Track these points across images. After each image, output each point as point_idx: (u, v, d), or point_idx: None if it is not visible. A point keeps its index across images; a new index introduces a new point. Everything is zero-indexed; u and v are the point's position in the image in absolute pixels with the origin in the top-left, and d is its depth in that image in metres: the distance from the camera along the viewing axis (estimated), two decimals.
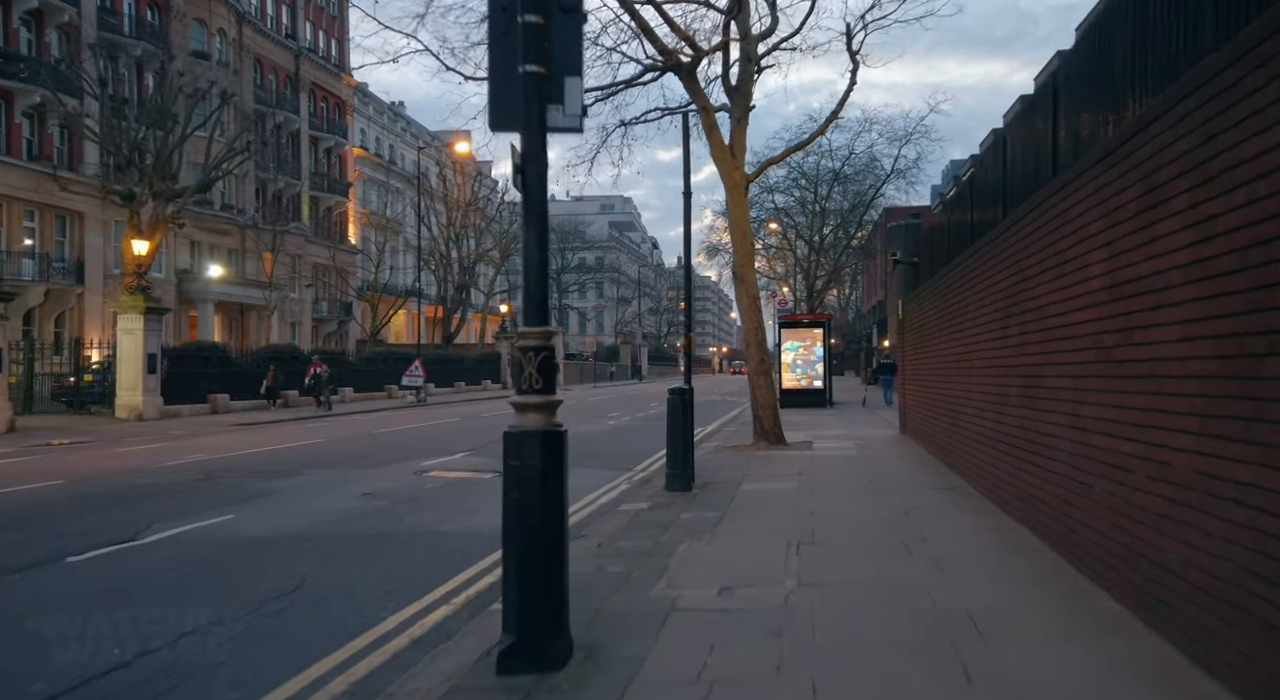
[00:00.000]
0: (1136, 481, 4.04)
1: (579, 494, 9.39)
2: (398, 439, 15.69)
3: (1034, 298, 5.76)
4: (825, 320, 24.94)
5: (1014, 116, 7.94)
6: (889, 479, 9.43)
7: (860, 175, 45.26)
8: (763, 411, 13.10)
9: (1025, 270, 5.98)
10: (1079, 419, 4.79)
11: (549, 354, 3.86)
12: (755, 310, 13.19)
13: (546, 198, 3.95)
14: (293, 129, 45.41)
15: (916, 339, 12.73)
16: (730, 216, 13.25)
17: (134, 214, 21.78)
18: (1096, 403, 4.54)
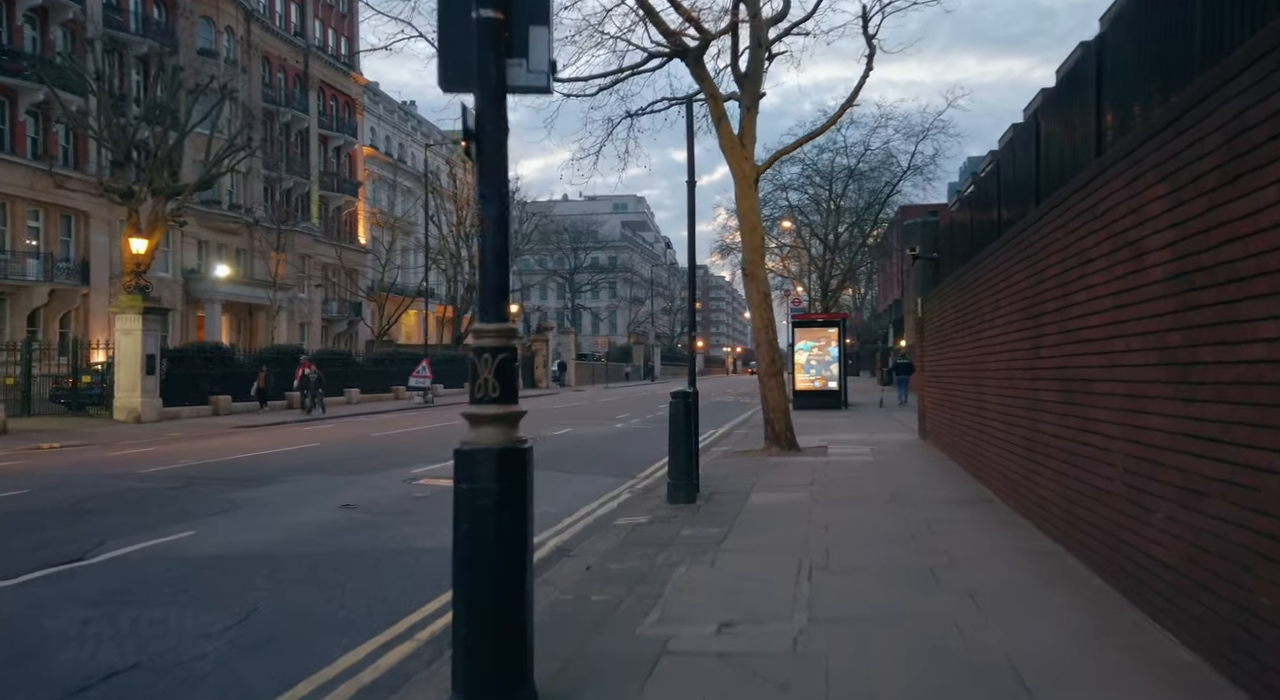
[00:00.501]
0: (1214, 508, 3.37)
1: (575, 504, 8.78)
2: (394, 443, 15.13)
3: (1075, 293, 5.09)
4: (840, 319, 24.22)
5: (1050, 96, 7.23)
6: (909, 489, 8.75)
7: (876, 172, 44.42)
8: (774, 415, 12.44)
9: (1065, 262, 5.30)
10: (1137, 431, 4.12)
11: (509, 356, 3.24)
12: (766, 308, 12.53)
13: (506, 169, 3.33)
14: (301, 127, 45.10)
15: (937, 339, 12.03)
16: (739, 209, 12.61)
17: (133, 212, 21.37)
18: (1158, 412, 3.87)
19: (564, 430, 17.68)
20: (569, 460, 12.44)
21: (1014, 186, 7.43)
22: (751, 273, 12.61)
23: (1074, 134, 5.50)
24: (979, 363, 8.52)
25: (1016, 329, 6.66)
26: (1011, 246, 6.97)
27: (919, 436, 14.31)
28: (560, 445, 14.64)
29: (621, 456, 12.84)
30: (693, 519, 7.43)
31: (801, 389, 23.48)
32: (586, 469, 11.50)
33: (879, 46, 12.91)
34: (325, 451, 13.77)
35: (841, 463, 11.11)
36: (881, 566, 5.44)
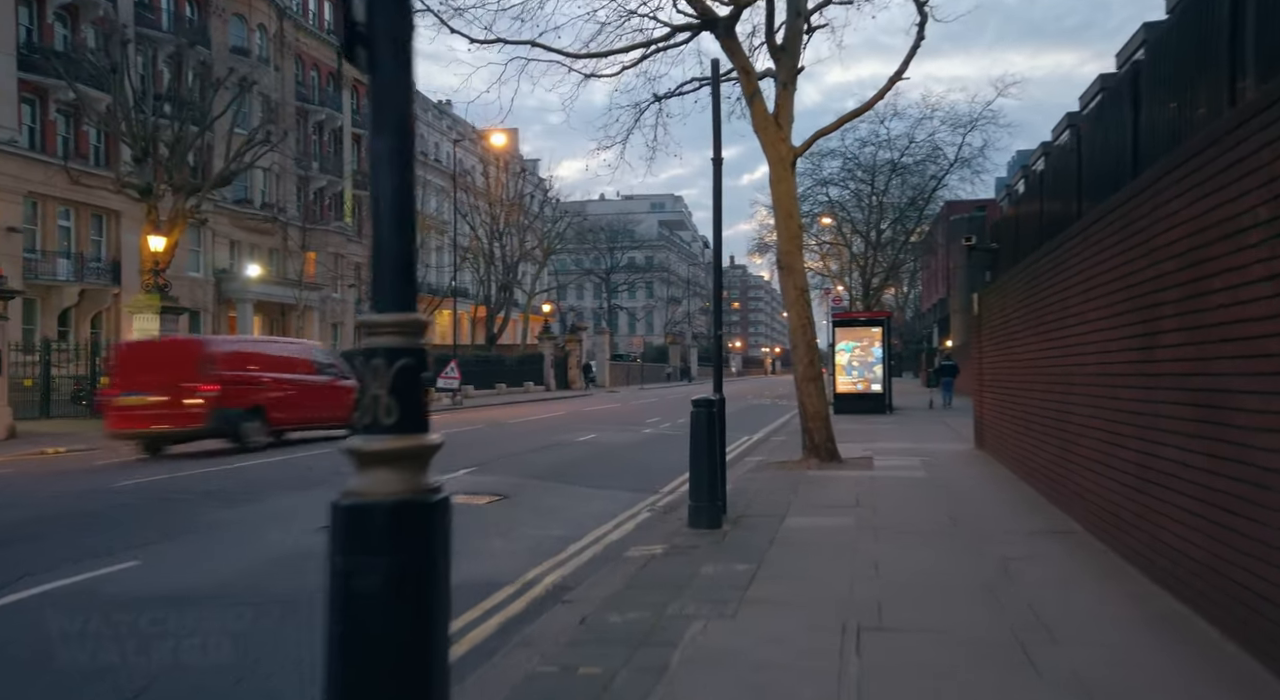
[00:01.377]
0: None
1: (585, 526, 7.70)
2: None
3: (1212, 277, 3.86)
4: (884, 318, 22.84)
5: (1171, 27, 5.96)
6: (973, 515, 7.50)
7: (920, 166, 42.67)
8: (812, 423, 11.23)
9: (1195, 237, 4.07)
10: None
11: (413, 363, 2.14)
12: (804, 304, 11.34)
13: (410, 87, 2.25)
14: (335, 126, 44.79)
15: (998, 338, 10.73)
16: (774, 195, 11.43)
17: (151, 208, 20.84)
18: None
19: (588, 436, 16.64)
20: (587, 472, 11.38)
21: (1106, 153, 6.17)
22: (787, 265, 11.41)
23: (1203, 72, 4.26)
24: (1058, 366, 7.25)
25: (1116, 325, 5.41)
26: (1105, 225, 5.71)
27: (975, 446, 12.98)
28: (580, 453, 13.60)
29: (646, 467, 11.75)
30: (716, 550, 6.30)
31: (843, 392, 22.16)
32: (605, 482, 10.43)
33: (930, 14, 11.63)
34: (325, 461, 12.87)
35: (890, 478, 9.87)
36: (952, 630, 4.25)
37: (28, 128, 28.45)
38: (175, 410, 13.46)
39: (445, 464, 11.68)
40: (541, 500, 9.16)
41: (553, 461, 12.36)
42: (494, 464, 11.94)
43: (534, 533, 7.47)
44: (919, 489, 9.03)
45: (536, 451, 13.75)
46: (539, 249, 49.92)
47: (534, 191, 51.80)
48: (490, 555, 6.65)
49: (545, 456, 13.05)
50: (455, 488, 9.85)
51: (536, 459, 12.67)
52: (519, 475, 10.84)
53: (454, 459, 12.39)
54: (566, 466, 11.80)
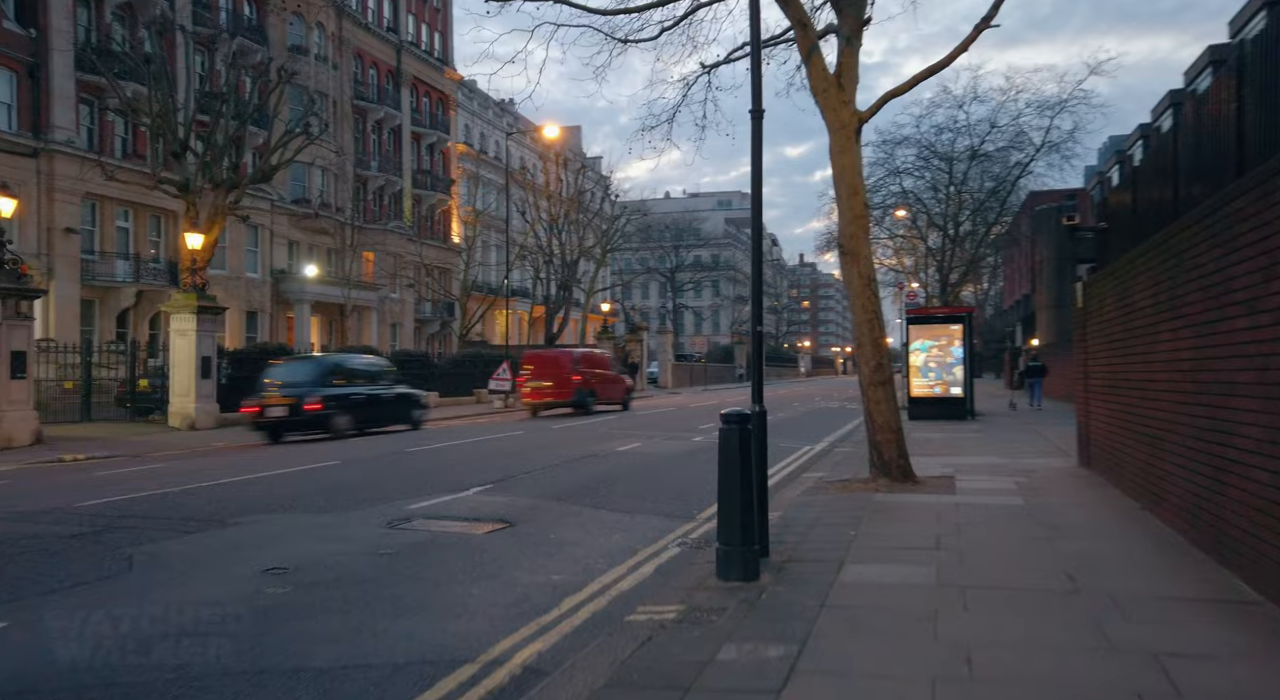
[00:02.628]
0: None
1: (593, 569, 6.23)
2: (422, 462, 12.97)
3: None
4: (965, 314, 20.71)
5: None
6: (1096, 567, 5.73)
7: (1003, 153, 39.94)
8: (881, 436, 9.51)
9: None
10: None
11: None
12: (870, 296, 9.60)
13: None
14: (394, 125, 44.46)
15: (1112, 333, 8.82)
16: (835, 168, 9.74)
17: (190, 205, 20.25)
18: None
19: (630, 445, 15.16)
20: (617, 490, 9.89)
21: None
22: (851, 250, 9.70)
23: None
24: (1213, 368, 5.44)
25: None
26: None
27: (1079, 464, 11.00)
28: (614, 467, 12.12)
29: (686, 485, 10.19)
30: (746, 617, 4.74)
31: (919, 396, 20.17)
32: (635, 504, 8.93)
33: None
34: (332, 474, 11.71)
35: (978, 507, 8.09)
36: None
37: (85, 129, 28.58)
38: (559, 390, 23.88)
39: (457, 481, 10.39)
40: (553, 529, 7.72)
41: (581, 477, 10.92)
42: (514, 480, 10.56)
43: (527, 578, 6.03)
44: (1017, 524, 7.24)
45: (567, 464, 12.34)
46: (598, 247, 48.69)
47: (594, 188, 50.60)
48: (461, 613, 5.23)
49: (575, 471, 11.62)
50: (456, 511, 8.50)
51: (563, 474, 11.25)
52: (537, 495, 9.43)
53: (472, 474, 11.08)
54: (595, 484, 10.34)
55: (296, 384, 16.71)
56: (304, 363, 19.06)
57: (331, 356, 21.19)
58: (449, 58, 50.61)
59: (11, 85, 25.98)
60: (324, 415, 16.65)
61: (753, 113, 6.18)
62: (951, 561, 5.89)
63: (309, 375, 17.24)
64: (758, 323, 6.29)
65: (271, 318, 35.61)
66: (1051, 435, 15.49)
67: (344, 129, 40.48)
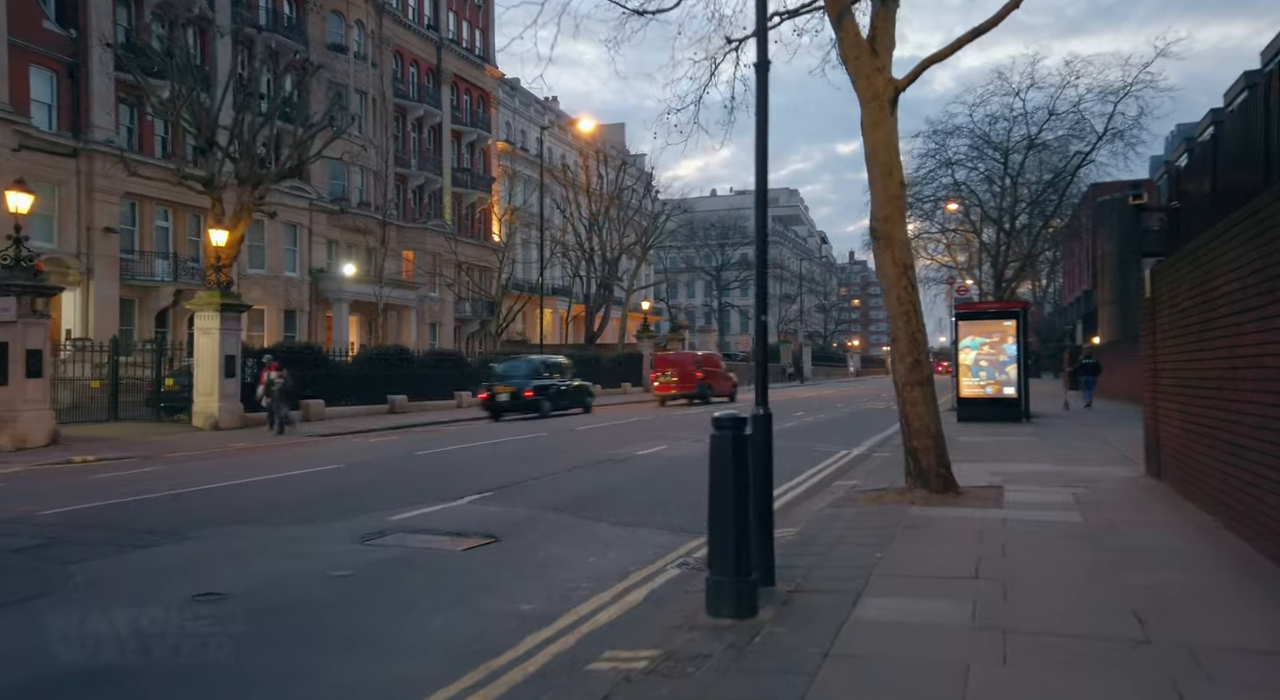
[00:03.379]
0: None
1: (576, 593, 5.45)
2: (426, 467, 12.31)
3: None
4: (1020, 309, 19.36)
5: None
6: (1173, 607, 4.71)
7: (1062, 142, 38.06)
8: (919, 442, 8.51)
9: None
10: None
11: None
12: (906, 286, 8.60)
13: None
14: (434, 123, 44.28)
15: (1188, 326, 7.70)
16: (867, 144, 8.76)
17: (215, 201, 20.00)
18: None
19: (655, 447, 14.30)
20: (626, 499, 9.07)
21: None
22: (885, 234, 8.72)
23: None
24: None
25: None
26: None
27: (1146, 473, 9.83)
28: (632, 473, 11.30)
29: (703, 494, 9.30)
30: (730, 671, 3.87)
31: (968, 396, 18.93)
32: (641, 516, 8.10)
33: None
34: (330, 479, 11.07)
35: (1028, 525, 7.06)
36: None
37: (126, 129, 28.77)
38: (684, 384, 29.09)
39: (457, 487, 9.67)
40: (542, 546, 6.93)
41: (592, 484, 10.11)
42: (517, 487, 9.80)
43: (495, 607, 5.25)
44: (1073, 547, 6.21)
45: (581, 469, 11.55)
46: (638, 244, 47.89)
47: (635, 184, 49.80)
48: (410, 651, 4.48)
49: (587, 476, 10.83)
50: (443, 523, 7.75)
51: (573, 480, 10.46)
52: (537, 505, 8.65)
53: (473, 480, 10.35)
54: (605, 492, 9.53)
55: (516, 377, 22.87)
56: (521, 362, 24.57)
57: (538, 357, 25.85)
58: (490, 55, 50.33)
59: (52, 85, 26.21)
60: (535, 401, 22.38)
61: (757, 66, 5.30)
62: (992, 595, 4.93)
63: (525, 371, 23.16)
64: (761, 311, 5.40)
65: (310, 317, 35.60)
66: (1114, 439, 14.22)
67: (384, 127, 40.39)
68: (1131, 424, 17.82)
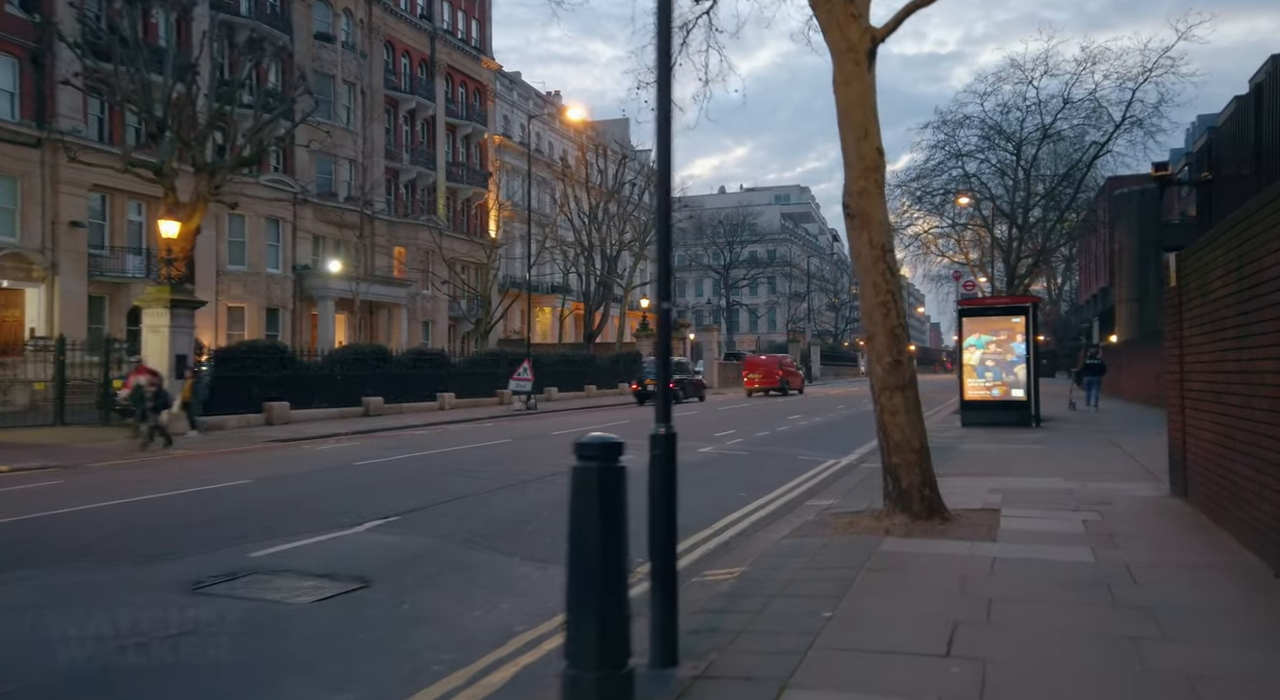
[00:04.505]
0: None
1: (415, 678, 4.03)
2: (353, 481, 10.99)
3: None
4: (1029, 304, 17.87)
5: None
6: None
7: (1077, 131, 36.40)
8: (899, 458, 7.13)
9: None
10: None
11: None
12: (885, 272, 7.20)
13: None
14: (427, 115, 43.05)
15: (1221, 319, 6.29)
16: (840, 103, 7.38)
17: (168, 190, 18.80)
18: None
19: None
20: (551, 528, 7.73)
21: None
22: (860, 211, 7.33)
23: None
24: None
25: None
26: None
27: (1171, 492, 8.39)
28: None
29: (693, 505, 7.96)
30: None
31: (973, 399, 17.48)
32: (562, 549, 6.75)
33: None
34: (209, 500, 9.68)
35: (1025, 566, 5.66)
36: None
37: (95, 118, 27.67)
38: (768, 381, 38.40)
39: (369, 509, 8.36)
40: (420, 593, 5.60)
41: (519, 508, 8.74)
42: (432, 511, 8.46)
43: (302, 694, 3.92)
44: (1081, 606, 4.79)
45: (517, 486, 10.19)
46: (637, 241, 46.52)
47: (635, 179, 48.41)
48: None
49: (518, 497, 9.47)
50: (314, 562, 6.41)
51: (501, 502, 9.10)
52: (443, 534, 7.31)
53: (393, 499, 9.02)
54: (529, 517, 8.17)
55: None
56: None
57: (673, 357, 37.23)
58: (486, 46, 49.08)
59: (14, 72, 25.11)
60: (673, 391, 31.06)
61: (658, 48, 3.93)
62: (964, 689, 3.55)
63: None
64: (663, 297, 4.05)
65: (294, 315, 34.44)
66: (1133, 447, 12.77)
67: (374, 119, 39.22)
68: (1151, 430, 16.28)
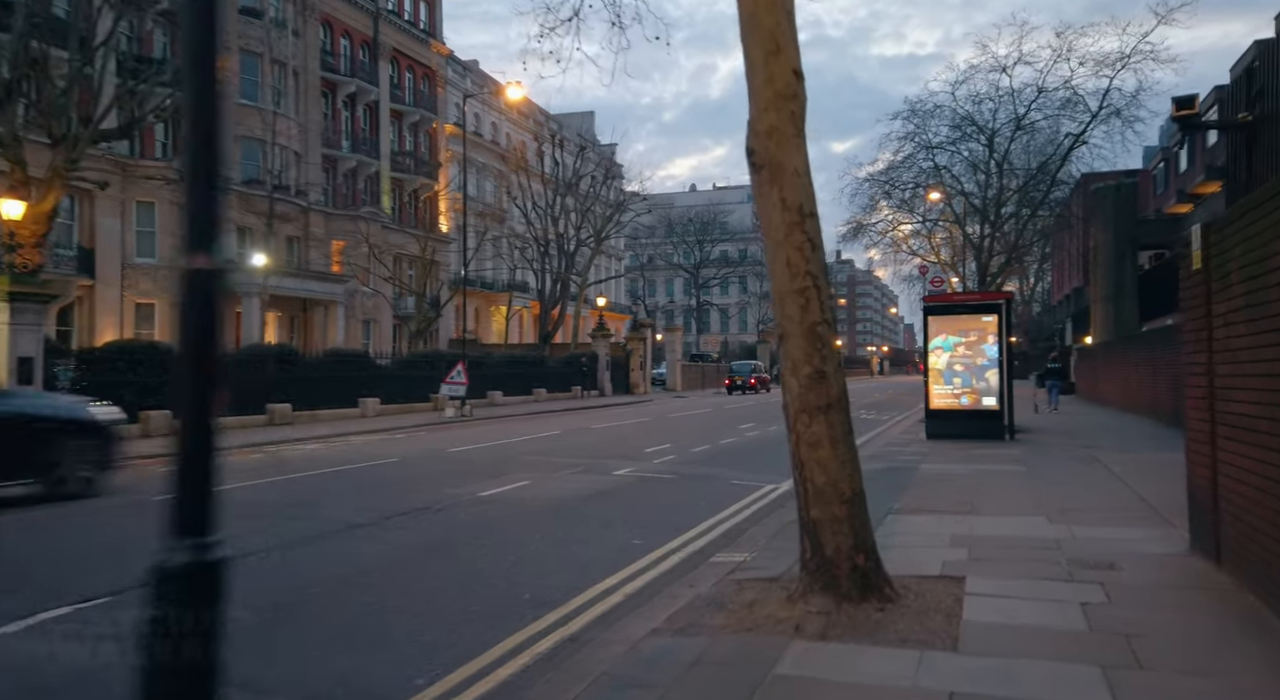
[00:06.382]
0: None
1: None
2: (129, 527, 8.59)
3: None
4: (1002, 301, 15.80)
5: None
6: None
7: (1052, 122, 34.71)
8: (821, 510, 4.93)
9: None
10: None
11: None
12: (803, 243, 4.97)
13: None
14: (369, 100, 40.40)
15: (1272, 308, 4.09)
16: (742, 7, 5.18)
17: (15, 166, 16.23)
18: None
19: (514, 484, 10.56)
20: (363, 601, 5.42)
21: None
22: (767, 159, 5.09)
23: None
24: None
25: None
26: None
27: (1193, 547, 6.22)
28: (428, 537, 7.63)
29: (513, 580, 5.69)
30: None
31: (940, 408, 15.40)
32: (360, 627, 4.46)
33: None
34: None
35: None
36: None
37: None
38: None
39: (66, 586, 5.98)
40: None
41: (299, 578, 6.35)
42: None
43: None
44: None
45: (335, 536, 7.79)
46: (593, 236, 44.21)
47: (595, 171, 46.08)
48: None
49: (316, 556, 7.09)
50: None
51: (282, 569, 6.75)
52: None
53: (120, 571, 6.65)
54: (292, 601, 5.82)
55: (743, 371, 44.84)
56: (746, 361, 49.63)
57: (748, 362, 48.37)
58: (436, 29, 46.53)
59: None
60: (757, 387, 43.32)
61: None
62: None
63: (747, 367, 45.98)
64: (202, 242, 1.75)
65: None
66: (1119, 467, 10.68)
67: (310, 104, 36.60)
68: (1136, 443, 14.29)
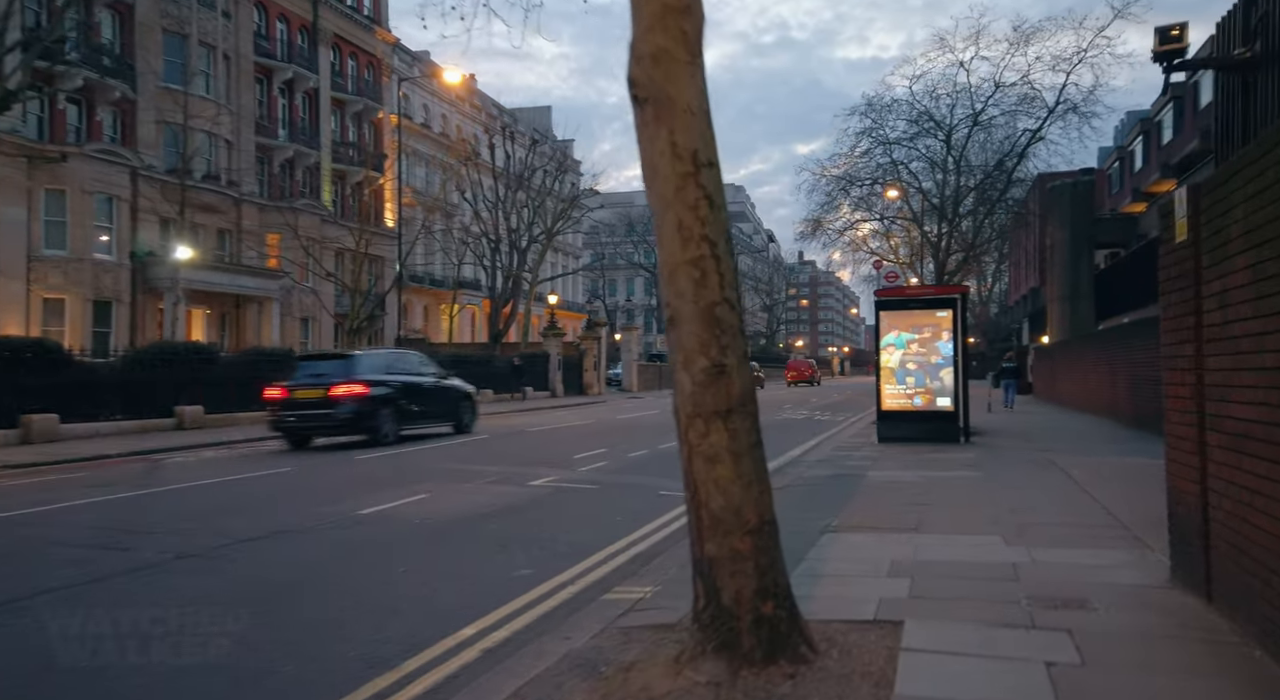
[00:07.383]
0: None
1: None
2: None
3: None
4: (958, 295, 14.90)
5: None
6: None
7: (1009, 119, 34.32)
8: (718, 545, 3.80)
9: None
10: None
11: None
12: (700, 206, 3.84)
13: None
14: (308, 87, 38.66)
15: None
16: None
17: None
18: None
19: (411, 497, 9.33)
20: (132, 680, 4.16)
21: None
22: (653, 91, 3.93)
23: None
24: None
25: None
26: None
27: (1173, 577, 5.19)
28: (252, 570, 6.38)
29: (309, 628, 4.45)
30: None
31: (892, 409, 14.46)
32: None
33: None
34: None
35: None
36: None
37: None
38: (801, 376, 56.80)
39: None
40: None
41: (126, 611, 5.11)
42: None
43: None
44: None
45: (178, 564, 6.57)
46: (545, 233, 42.88)
47: (549, 165, 44.75)
48: None
49: (153, 585, 5.84)
50: None
51: (107, 601, 5.47)
52: None
53: None
54: (120, 638, 4.57)
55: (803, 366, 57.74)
56: None
57: None
58: (381, 16, 44.85)
59: None
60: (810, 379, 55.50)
61: None
62: None
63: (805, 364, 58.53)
64: None
65: (134, 309, 29.82)
66: (1080, 474, 9.75)
67: (242, 90, 34.81)
68: (1096, 446, 13.48)
